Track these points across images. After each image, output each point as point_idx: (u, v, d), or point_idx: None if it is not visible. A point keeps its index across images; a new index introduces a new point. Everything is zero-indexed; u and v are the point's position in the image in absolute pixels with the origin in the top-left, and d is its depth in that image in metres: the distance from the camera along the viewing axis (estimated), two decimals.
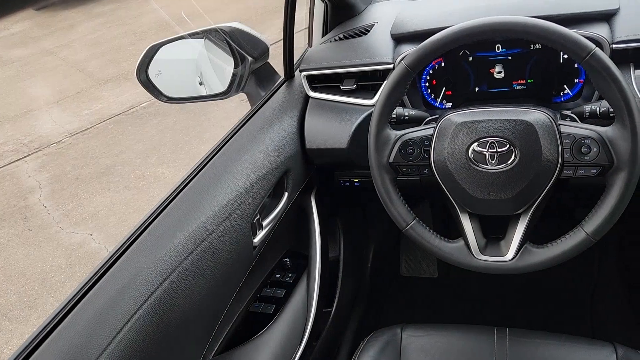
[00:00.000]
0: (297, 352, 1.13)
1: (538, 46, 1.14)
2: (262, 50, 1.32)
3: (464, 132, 0.95)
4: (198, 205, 0.98)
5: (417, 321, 1.16)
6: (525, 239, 0.96)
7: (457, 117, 0.97)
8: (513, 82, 1.19)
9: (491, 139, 0.93)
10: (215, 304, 0.99)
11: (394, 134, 1.02)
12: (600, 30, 1.04)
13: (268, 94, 1.31)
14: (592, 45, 0.86)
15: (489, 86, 1.21)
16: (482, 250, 0.99)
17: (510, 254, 0.96)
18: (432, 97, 1.26)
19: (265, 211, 1.17)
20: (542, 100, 1.16)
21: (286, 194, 1.21)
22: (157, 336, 0.83)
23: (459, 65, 1.21)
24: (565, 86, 1.15)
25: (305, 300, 1.21)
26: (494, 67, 1.19)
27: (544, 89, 1.16)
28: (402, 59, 0.97)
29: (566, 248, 0.92)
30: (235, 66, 1.31)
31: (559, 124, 0.92)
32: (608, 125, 0.90)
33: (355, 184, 1.35)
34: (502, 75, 1.19)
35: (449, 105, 1.25)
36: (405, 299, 1.86)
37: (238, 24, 1.31)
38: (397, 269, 1.89)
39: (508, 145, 0.92)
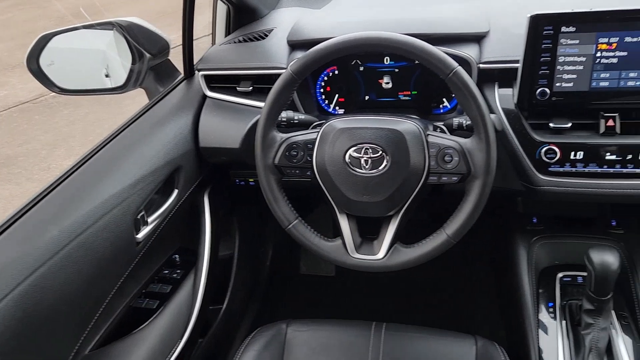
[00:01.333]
0: (177, 347, 1.14)
1: None
2: (161, 47, 1.32)
3: (343, 138, 1.00)
4: (77, 200, 0.97)
5: (312, 317, 1.20)
6: (396, 239, 1.03)
7: (339, 123, 1.03)
8: (399, 93, 1.27)
9: (366, 145, 0.99)
10: (91, 299, 0.99)
11: (280, 136, 1.06)
12: (470, 50, 1.13)
13: (165, 91, 1.31)
14: (455, 64, 0.94)
15: (377, 95, 1.28)
16: (357, 250, 1.05)
17: (381, 253, 1.03)
18: (326, 102, 1.31)
19: (153, 207, 1.17)
20: (424, 111, 1.25)
21: (176, 191, 1.22)
22: (19, 331, 0.82)
23: (351, 74, 1.27)
24: (444, 99, 1.24)
25: (192, 297, 1.22)
26: (382, 78, 1.26)
27: (425, 101, 1.25)
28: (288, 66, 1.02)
29: (430, 248, 1.00)
30: (133, 62, 1.30)
31: (428, 134, 1.00)
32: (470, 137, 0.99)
33: (250, 183, 1.38)
34: (390, 86, 1.26)
35: (341, 111, 1.31)
36: (303, 296, 1.91)
37: (136, 19, 1.30)
38: (297, 268, 1.94)
39: (380, 152, 0.98)
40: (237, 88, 1.28)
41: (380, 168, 0.98)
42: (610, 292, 1.02)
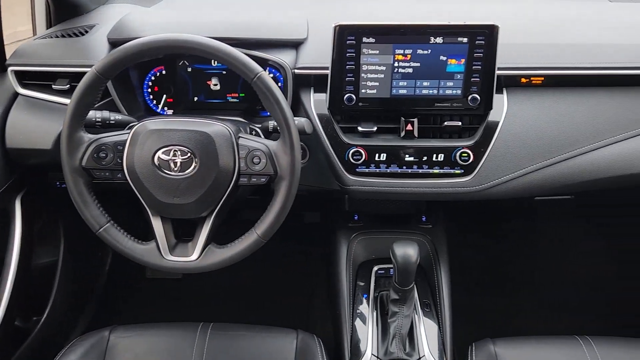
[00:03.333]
0: None
1: None
2: None
3: (152, 139, 0.99)
4: None
5: (152, 321, 1.18)
6: (210, 240, 1.04)
7: (150, 124, 1.01)
8: (227, 95, 1.28)
9: (174, 147, 0.99)
10: None
11: (87, 137, 1.02)
12: (286, 56, 1.18)
13: None
14: (259, 69, 0.97)
15: (206, 97, 1.29)
16: (171, 252, 1.05)
17: (195, 255, 1.04)
18: (154, 103, 1.29)
19: None
20: (251, 113, 1.27)
21: None
22: None
23: (179, 75, 1.26)
24: None
25: None
26: (210, 80, 1.27)
27: (252, 103, 1.27)
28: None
29: (241, 248, 1.02)
30: None
31: (239, 137, 1.03)
32: None
33: None
34: (218, 87, 1.27)
35: (170, 112, 1.29)
36: (149, 301, 1.86)
37: None
38: (142, 272, 1.88)
39: (189, 154, 0.98)
40: (53, 86, 1.21)
41: (189, 170, 0.99)
42: (412, 282, 1.12)
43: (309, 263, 1.88)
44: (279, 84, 1.20)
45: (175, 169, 0.99)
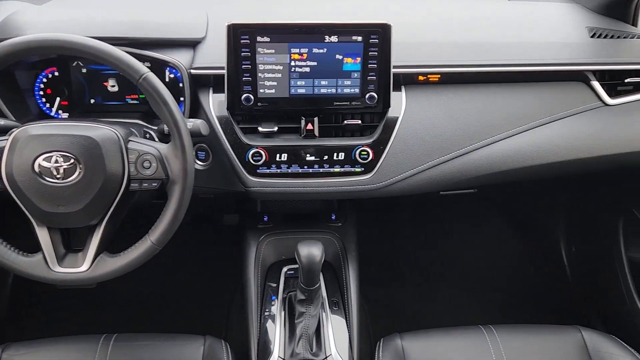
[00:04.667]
0: None
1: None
2: None
3: (32, 145, 0.94)
4: None
5: (65, 335, 1.13)
6: (102, 249, 1.00)
7: (32, 129, 0.96)
8: (126, 97, 1.23)
9: (56, 153, 0.93)
10: None
11: None
12: (181, 56, 1.14)
13: None
14: (145, 70, 0.94)
15: (104, 99, 1.23)
16: (60, 263, 0.99)
17: (85, 265, 0.99)
18: (48, 106, 1.22)
19: None
20: (152, 115, 1.23)
21: None
22: None
23: (73, 77, 1.20)
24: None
25: None
26: (107, 81, 1.21)
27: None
28: None
29: (135, 256, 0.98)
30: None
31: (129, 141, 0.99)
32: None
33: None
34: (117, 89, 1.22)
35: (65, 115, 1.23)
36: (59, 312, 1.78)
37: None
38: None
39: (72, 160, 0.94)
40: None
41: (74, 177, 0.94)
42: (318, 282, 1.12)
43: (228, 266, 1.85)
44: (180, 85, 1.16)
45: (58, 176, 0.94)
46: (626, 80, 1.24)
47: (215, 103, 1.15)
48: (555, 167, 1.21)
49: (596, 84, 1.23)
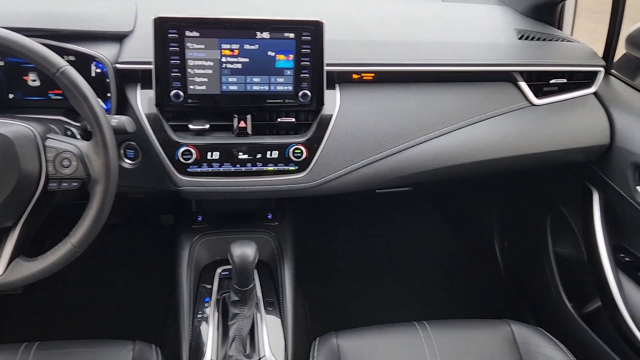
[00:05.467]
0: None
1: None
2: None
3: None
4: None
5: None
6: (17, 253, 0.94)
7: None
8: (49, 92, 1.17)
9: None
10: None
11: None
12: (107, 50, 1.10)
13: None
14: (63, 63, 0.89)
15: (24, 94, 1.16)
16: None
17: None
18: None
19: None
20: (76, 112, 1.17)
21: None
22: None
23: None
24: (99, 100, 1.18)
25: None
26: (28, 75, 1.15)
27: None
28: None
29: (54, 260, 0.93)
30: None
31: (47, 138, 0.93)
32: None
33: None
34: (38, 83, 1.15)
35: None
36: None
37: None
38: None
39: None
40: None
41: None
42: (252, 282, 1.09)
43: (164, 268, 1.80)
44: (107, 80, 1.11)
45: None
46: (551, 81, 1.28)
47: (143, 99, 1.10)
48: (485, 165, 1.24)
49: (523, 85, 1.27)
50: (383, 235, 2.12)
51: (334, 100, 1.16)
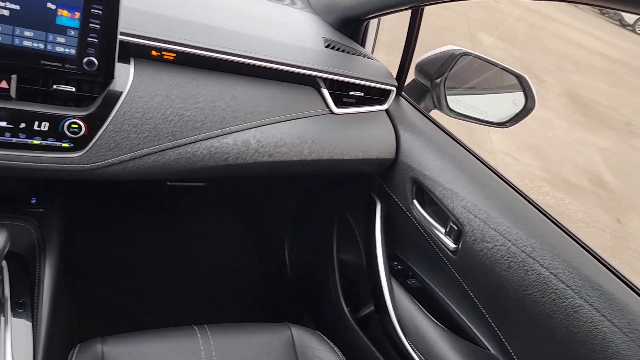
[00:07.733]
0: None
1: None
2: None
3: None
4: None
5: None
6: None
7: None
8: None
9: None
10: None
11: None
12: None
13: None
14: None
15: None
16: None
17: None
18: None
19: None
20: None
21: None
22: None
23: None
24: None
25: None
26: None
27: None
28: None
29: None
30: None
31: None
32: None
33: None
34: None
35: None
36: None
37: None
38: None
39: None
40: None
41: None
42: None
43: None
44: None
45: None
46: (350, 93, 1.33)
47: None
48: (282, 165, 1.23)
49: (325, 92, 1.29)
50: (171, 231, 1.99)
51: (126, 75, 1.03)
